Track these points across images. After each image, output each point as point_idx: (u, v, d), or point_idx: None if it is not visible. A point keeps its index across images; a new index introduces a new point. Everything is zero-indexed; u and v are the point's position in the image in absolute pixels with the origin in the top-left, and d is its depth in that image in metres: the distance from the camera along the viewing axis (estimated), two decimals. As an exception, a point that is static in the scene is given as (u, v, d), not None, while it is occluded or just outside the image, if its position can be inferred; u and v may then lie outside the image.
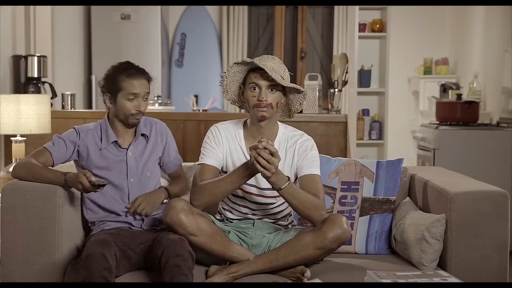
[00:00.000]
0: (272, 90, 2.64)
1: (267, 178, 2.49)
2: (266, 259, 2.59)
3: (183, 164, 3.10)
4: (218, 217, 2.86)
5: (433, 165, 4.73)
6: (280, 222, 2.83)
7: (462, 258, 2.66)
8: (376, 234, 2.94)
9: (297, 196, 2.57)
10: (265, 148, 2.41)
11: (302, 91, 2.70)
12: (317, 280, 2.50)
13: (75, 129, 2.84)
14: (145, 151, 2.87)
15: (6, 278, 2.66)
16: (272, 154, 2.42)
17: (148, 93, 2.81)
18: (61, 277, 2.65)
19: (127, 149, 2.83)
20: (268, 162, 2.42)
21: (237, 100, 2.80)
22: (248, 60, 2.65)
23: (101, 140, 2.82)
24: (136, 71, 2.79)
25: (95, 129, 2.85)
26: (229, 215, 2.82)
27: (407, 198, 3.07)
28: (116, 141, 2.82)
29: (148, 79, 2.82)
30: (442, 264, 2.71)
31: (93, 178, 2.61)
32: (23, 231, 2.64)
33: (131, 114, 2.77)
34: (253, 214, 2.79)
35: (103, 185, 2.63)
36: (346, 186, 2.98)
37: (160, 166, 2.97)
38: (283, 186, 2.52)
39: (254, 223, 2.77)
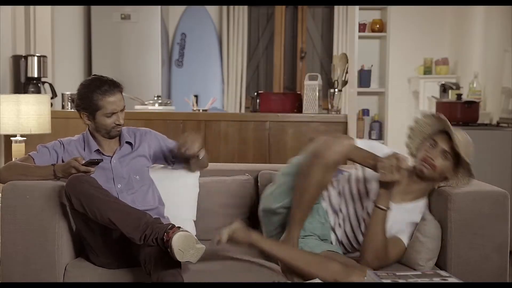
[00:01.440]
0: (445, 157, 2.68)
1: (387, 182, 2.50)
2: (291, 253, 2.56)
3: None
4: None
5: (433, 165, 4.72)
6: (360, 237, 2.76)
7: (462, 258, 2.66)
8: (377, 234, 2.93)
9: (379, 229, 2.56)
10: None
11: (471, 175, 2.71)
12: (317, 280, 2.49)
13: (59, 141, 2.90)
14: (130, 155, 2.91)
15: (6, 278, 2.66)
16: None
17: (124, 105, 2.84)
18: (61, 277, 2.66)
19: (112, 157, 2.87)
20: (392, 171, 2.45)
21: (413, 149, 2.84)
22: (442, 117, 2.73)
23: (84, 150, 2.87)
24: (109, 86, 2.78)
25: (78, 140, 2.91)
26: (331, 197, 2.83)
27: (407, 198, 3.07)
28: (98, 150, 2.87)
29: (121, 90, 2.84)
30: (441, 264, 2.71)
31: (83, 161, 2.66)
32: (23, 231, 2.64)
33: (112, 127, 2.82)
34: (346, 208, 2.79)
35: (97, 162, 2.66)
36: (346, 186, 2.98)
37: (174, 163, 3.00)
38: (382, 207, 2.55)
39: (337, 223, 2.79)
